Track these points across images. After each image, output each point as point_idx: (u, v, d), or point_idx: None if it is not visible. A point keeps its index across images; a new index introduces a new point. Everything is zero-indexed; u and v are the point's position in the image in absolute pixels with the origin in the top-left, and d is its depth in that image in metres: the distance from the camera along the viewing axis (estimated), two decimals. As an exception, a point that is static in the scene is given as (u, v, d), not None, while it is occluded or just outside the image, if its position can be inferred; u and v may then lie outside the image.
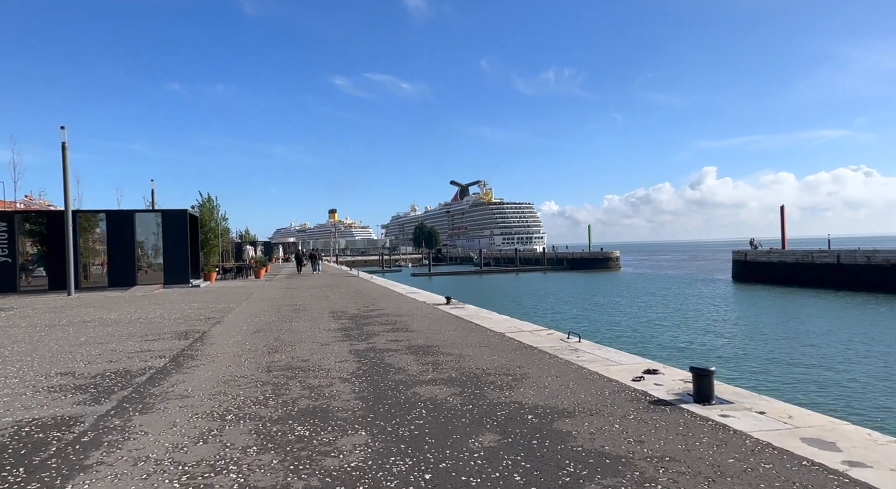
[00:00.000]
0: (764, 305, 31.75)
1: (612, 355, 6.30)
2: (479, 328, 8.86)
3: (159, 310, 12.71)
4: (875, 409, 11.55)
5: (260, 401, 4.73)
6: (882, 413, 11.31)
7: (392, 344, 7.52)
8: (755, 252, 52.29)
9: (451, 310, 11.57)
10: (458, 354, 6.63)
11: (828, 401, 12.01)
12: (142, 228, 22.37)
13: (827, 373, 14.62)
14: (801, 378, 14.25)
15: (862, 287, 38.23)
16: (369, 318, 10.46)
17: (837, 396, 12.49)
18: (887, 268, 39.00)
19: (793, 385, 13.49)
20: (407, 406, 4.45)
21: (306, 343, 7.79)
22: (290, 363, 6.36)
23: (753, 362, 16.13)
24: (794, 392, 12.54)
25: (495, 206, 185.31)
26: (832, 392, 12.86)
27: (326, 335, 8.47)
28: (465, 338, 7.83)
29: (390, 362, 6.27)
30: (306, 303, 13.77)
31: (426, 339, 7.81)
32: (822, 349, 17.86)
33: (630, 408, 4.23)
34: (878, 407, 11.73)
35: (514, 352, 6.73)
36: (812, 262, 44.80)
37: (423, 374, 5.60)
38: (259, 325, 9.76)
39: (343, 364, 6.23)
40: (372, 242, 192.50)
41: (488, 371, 5.68)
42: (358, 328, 9.18)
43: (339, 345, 7.50)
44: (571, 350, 6.70)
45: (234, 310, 12.69)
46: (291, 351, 7.17)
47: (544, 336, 7.89)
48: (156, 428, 4.03)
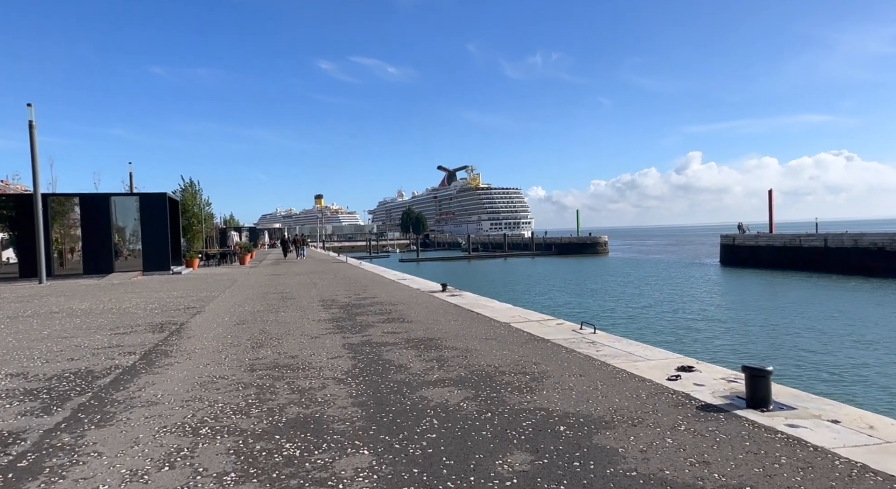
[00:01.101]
0: (757, 289, 31.60)
1: (635, 349, 5.71)
2: (481, 318, 8.22)
3: (135, 299, 11.90)
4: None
5: (241, 408, 4.05)
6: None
7: (389, 336, 6.85)
8: (743, 236, 52.35)
9: (448, 297, 10.92)
10: (464, 348, 5.99)
11: (871, 395, 11.50)
12: (120, 213, 21.39)
13: (842, 360, 14.27)
14: (816, 366, 13.88)
15: (849, 270, 38.37)
16: (362, 307, 9.77)
17: (875, 389, 12.05)
18: (874, 251, 39.17)
19: (810, 373, 13.09)
20: (414, 414, 3.80)
21: (294, 336, 7.10)
22: (276, 360, 5.68)
23: (760, 349, 15.77)
24: (822, 384, 12.12)
25: (483, 192, 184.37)
26: (859, 382, 12.46)
27: (316, 327, 7.79)
28: (469, 330, 7.19)
29: (389, 358, 5.61)
30: (294, 291, 13.04)
31: (426, 331, 7.16)
32: (826, 334, 17.56)
33: (677, 415, 3.63)
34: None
35: (525, 345, 6.11)
36: (800, 246, 44.91)
37: (428, 373, 4.95)
38: (243, 316, 9.04)
39: (336, 361, 5.56)
40: (359, 228, 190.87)
41: (501, 369, 5.05)
42: (350, 318, 8.50)
43: (331, 339, 6.82)
44: (588, 343, 6.09)
45: (217, 298, 11.93)
46: (278, 345, 6.48)
47: (554, 326, 7.28)
48: (113, 446, 3.33)
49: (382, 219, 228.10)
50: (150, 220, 20.43)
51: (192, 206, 35.84)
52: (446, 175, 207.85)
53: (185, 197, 35.29)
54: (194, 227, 36.24)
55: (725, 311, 23.17)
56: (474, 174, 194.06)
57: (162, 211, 20.61)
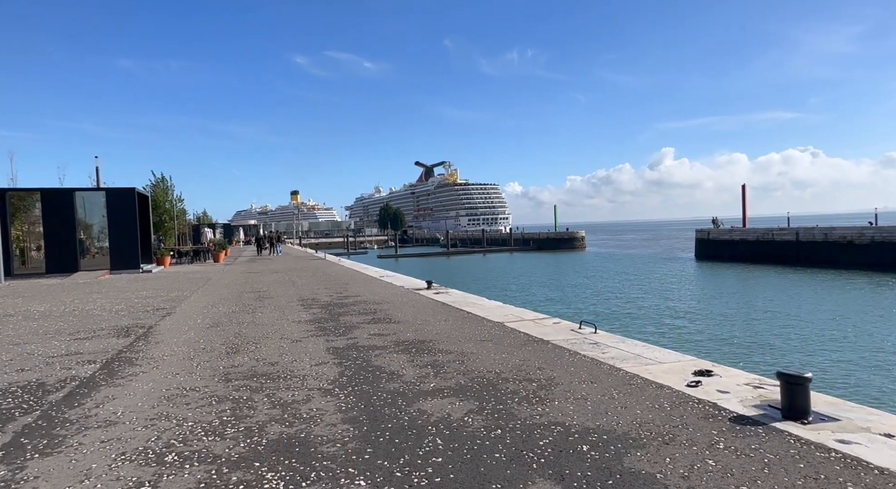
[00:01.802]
0: (737, 284, 31.87)
1: (642, 350, 5.34)
2: (472, 317, 7.79)
3: (100, 300, 11.16)
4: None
5: (215, 428, 3.54)
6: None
7: (377, 339, 6.37)
8: (717, 230, 53.03)
9: (435, 295, 10.47)
10: (459, 352, 5.55)
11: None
12: (88, 210, 20.40)
13: (841, 357, 14.25)
14: (822, 365, 13.82)
15: (820, 263, 39.13)
16: (344, 307, 9.26)
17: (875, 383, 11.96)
18: (843, 245, 40.04)
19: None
20: (414, 432, 3.35)
21: (273, 339, 6.57)
22: (254, 368, 5.16)
23: (747, 345, 15.70)
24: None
25: (461, 187, 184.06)
26: (867, 383, 12.36)
27: (297, 329, 7.26)
28: (461, 331, 6.75)
29: (379, 364, 5.14)
30: (271, 290, 12.43)
31: (416, 333, 6.70)
32: (806, 328, 17.64)
33: (710, 430, 3.24)
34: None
35: (524, 347, 5.70)
36: (772, 240, 45.68)
37: (423, 381, 4.50)
38: (217, 317, 8.44)
39: (321, 368, 5.07)
40: (336, 224, 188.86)
41: (503, 375, 4.62)
42: (333, 319, 7.98)
43: (314, 342, 6.31)
44: (591, 344, 5.70)
45: (189, 298, 11.26)
46: (256, 350, 5.95)
47: (551, 326, 6.89)
48: (59, 481, 2.80)
49: (360, 215, 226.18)
50: (117, 216, 19.49)
51: (163, 202, 34.68)
52: (424, 171, 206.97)
53: (157, 192, 34.09)
54: (166, 224, 35.09)
55: (711, 306, 23.18)
56: (452, 170, 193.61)
57: (130, 206, 19.67)
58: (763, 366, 12.57)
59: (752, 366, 12.03)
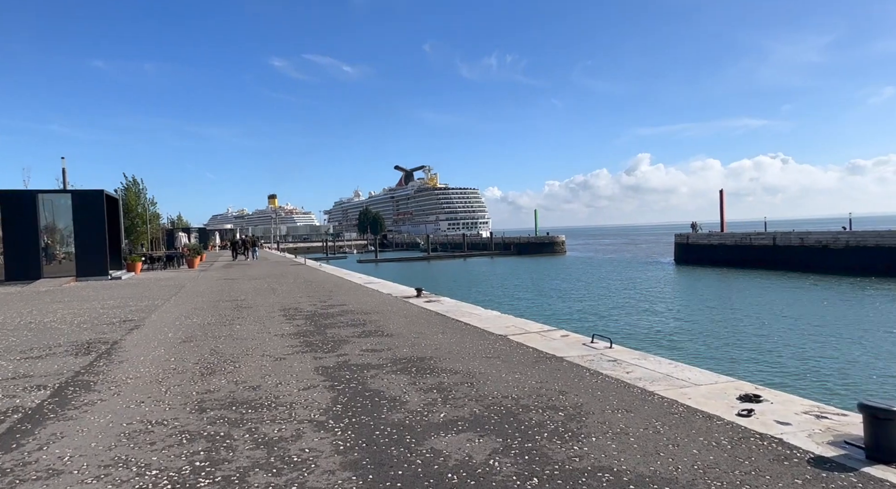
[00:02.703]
0: (722, 288, 31.90)
1: (670, 369, 4.81)
2: (471, 329, 7.20)
3: (62, 311, 10.27)
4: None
5: (185, 478, 2.88)
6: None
7: (370, 356, 5.73)
8: (696, 235, 53.47)
9: (426, 304, 9.85)
10: (466, 372, 4.96)
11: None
12: (56, 213, 19.29)
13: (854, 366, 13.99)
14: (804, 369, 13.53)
15: (796, 267, 39.58)
16: (331, 317, 8.58)
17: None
18: (819, 249, 40.61)
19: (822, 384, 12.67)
20: (432, 483, 2.74)
21: (254, 357, 5.88)
22: (232, 394, 4.48)
23: (748, 352, 15.40)
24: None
25: (440, 192, 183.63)
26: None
27: (280, 344, 6.57)
28: (462, 345, 6.16)
29: (377, 387, 4.51)
30: (250, 298, 11.66)
31: (413, 348, 6.08)
32: (795, 333, 17.47)
33: (793, 477, 2.70)
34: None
35: (537, 366, 5.12)
36: (750, 244, 46.15)
37: (431, 410, 3.89)
38: (190, 331, 7.70)
39: (311, 393, 4.42)
40: (314, 229, 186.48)
41: (522, 401, 4.04)
42: (319, 332, 7.31)
43: (300, 360, 5.64)
44: (610, 361, 5.16)
45: (160, 308, 10.45)
46: (234, 371, 5.26)
47: (560, 340, 6.33)
48: (-26, 569, 2.13)
49: (339, 219, 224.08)
50: (84, 219, 18.42)
51: (135, 206, 33.41)
52: (403, 175, 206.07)
53: (128, 196, 32.82)
54: (138, 228, 33.80)
55: (716, 315, 22.86)
56: (432, 174, 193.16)
57: (98, 210, 18.61)
58: (804, 385, 11.79)
59: (787, 384, 11.38)
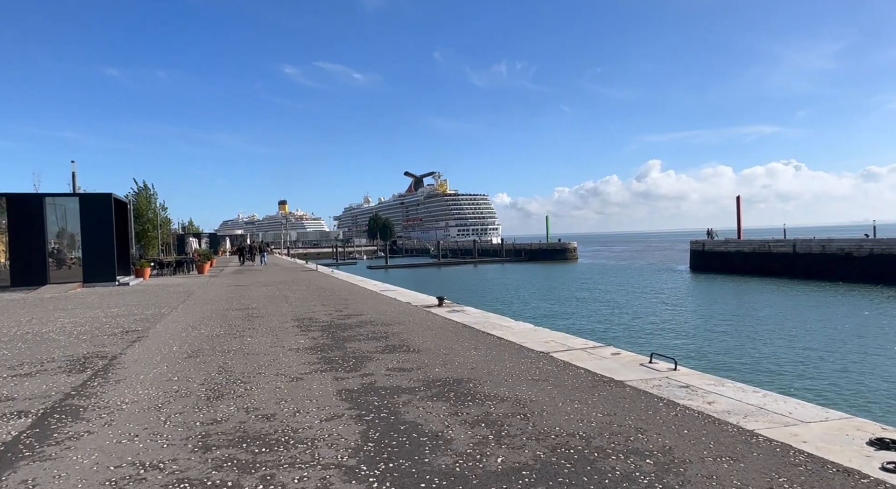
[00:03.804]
0: (753, 297, 30.87)
1: (762, 400, 4.05)
2: (506, 344, 6.48)
3: (63, 320, 9.68)
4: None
5: (181, 556, 2.19)
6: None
7: (399, 376, 5.04)
8: (712, 242, 52.41)
9: (450, 314, 9.14)
10: (514, 399, 4.24)
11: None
12: (66, 217, 18.88)
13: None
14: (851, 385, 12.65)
15: (817, 275, 38.42)
16: (349, 329, 7.90)
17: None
18: (842, 257, 39.42)
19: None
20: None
21: (267, 376, 5.21)
22: (243, 425, 3.80)
23: (775, 365, 14.53)
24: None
25: (450, 198, 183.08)
26: None
27: (296, 360, 5.89)
28: (501, 364, 5.44)
29: (413, 418, 3.81)
30: (261, 307, 11.02)
31: (445, 367, 5.37)
32: (824, 345, 16.54)
33: None
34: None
35: (596, 392, 4.39)
36: (769, 252, 45.04)
37: (484, 452, 3.18)
38: (197, 344, 7.04)
39: (335, 425, 3.72)
40: (324, 234, 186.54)
41: (595, 442, 3.32)
42: (338, 346, 6.62)
43: (319, 381, 4.96)
44: (682, 388, 4.42)
45: (167, 317, 9.82)
46: (245, 394, 4.59)
47: (611, 358, 5.60)
48: None
49: (349, 225, 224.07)
50: (92, 223, 17.95)
51: (146, 211, 33.08)
52: (413, 181, 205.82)
53: (139, 201, 32.50)
54: (149, 233, 33.46)
55: (766, 328, 21.89)
56: (441, 180, 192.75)
57: (106, 214, 18.14)
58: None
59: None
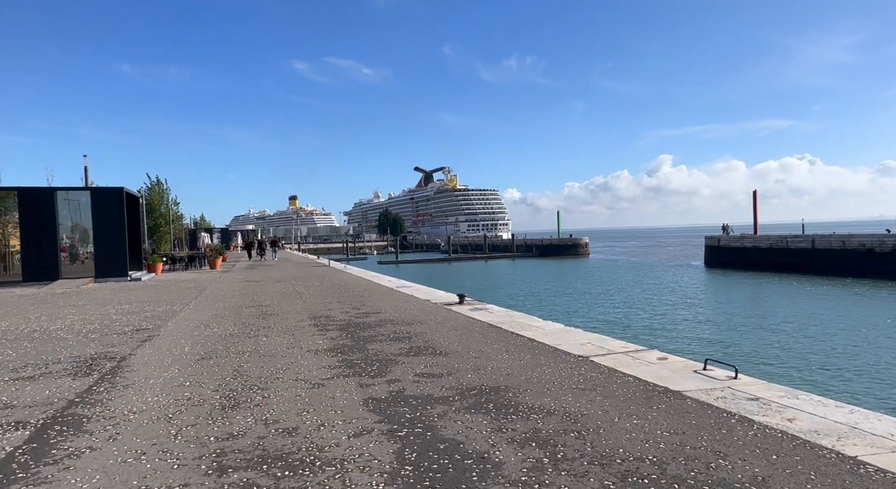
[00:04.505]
0: (779, 294, 30.15)
1: (848, 416, 3.57)
2: (538, 346, 6.03)
3: (73, 317, 9.37)
4: None
5: None
6: None
7: (429, 383, 4.61)
8: (728, 237, 51.49)
9: (473, 313, 8.71)
10: (563, 412, 3.79)
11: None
12: (80, 211, 18.70)
13: None
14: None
15: (837, 271, 37.55)
16: (369, 328, 7.49)
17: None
18: (862, 253, 38.48)
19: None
20: None
21: (286, 381, 4.80)
22: (262, 441, 3.39)
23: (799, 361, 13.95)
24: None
25: (460, 193, 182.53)
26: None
27: (315, 363, 5.49)
28: (540, 370, 4.99)
29: (452, 435, 3.38)
30: (275, 303, 10.65)
31: (478, 373, 4.94)
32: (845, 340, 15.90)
33: None
34: None
35: (653, 404, 3.93)
36: (787, 247, 44.10)
37: (541, 481, 2.74)
38: (210, 344, 6.67)
39: (365, 443, 3.31)
40: (334, 230, 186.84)
41: (671, 470, 2.87)
42: (359, 347, 6.22)
43: (343, 388, 4.55)
44: (751, 400, 3.95)
45: (179, 314, 9.48)
46: (263, 403, 4.18)
47: (659, 363, 5.13)
48: None
49: (358, 220, 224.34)
50: (103, 218, 17.70)
51: (158, 206, 32.95)
52: (423, 176, 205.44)
53: (152, 196, 32.38)
54: (161, 228, 33.35)
55: (759, 321, 21.43)
56: (451, 175, 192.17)
57: (118, 208, 17.88)
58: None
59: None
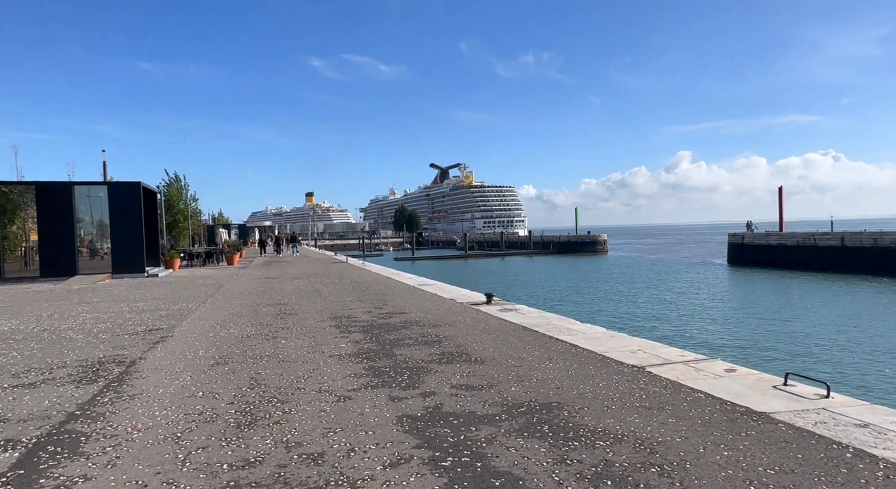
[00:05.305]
0: (823, 294, 29.09)
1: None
2: (585, 354, 5.46)
3: (85, 315, 9.01)
4: None
5: None
6: None
7: (469, 397, 4.06)
8: (752, 235, 50.14)
9: (503, 314, 8.15)
10: (633, 438, 3.23)
11: None
12: (96, 207, 18.51)
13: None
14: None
15: (867, 270, 36.31)
16: (394, 330, 6.97)
17: None
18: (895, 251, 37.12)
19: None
20: None
21: (308, 393, 4.30)
22: (283, 471, 2.88)
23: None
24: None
25: (476, 190, 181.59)
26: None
27: (340, 370, 4.98)
28: (592, 383, 4.42)
29: (507, 469, 2.84)
30: (294, 302, 10.20)
31: (522, 384, 4.38)
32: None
33: None
34: None
35: (740, 429, 3.34)
36: (814, 245, 42.77)
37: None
38: (226, 347, 6.20)
39: (404, 477, 2.77)
40: (350, 226, 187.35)
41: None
42: (385, 352, 5.70)
43: (372, 401, 4.02)
44: (860, 427, 3.33)
45: (194, 313, 9.07)
46: (283, 420, 3.67)
47: (728, 376, 4.52)
48: None
49: (374, 217, 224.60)
50: (120, 213, 17.46)
51: (177, 202, 32.89)
52: (439, 173, 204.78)
53: (171, 192, 32.32)
54: (180, 224, 33.30)
55: (794, 321, 20.59)
56: (467, 172, 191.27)
57: (135, 203, 17.63)
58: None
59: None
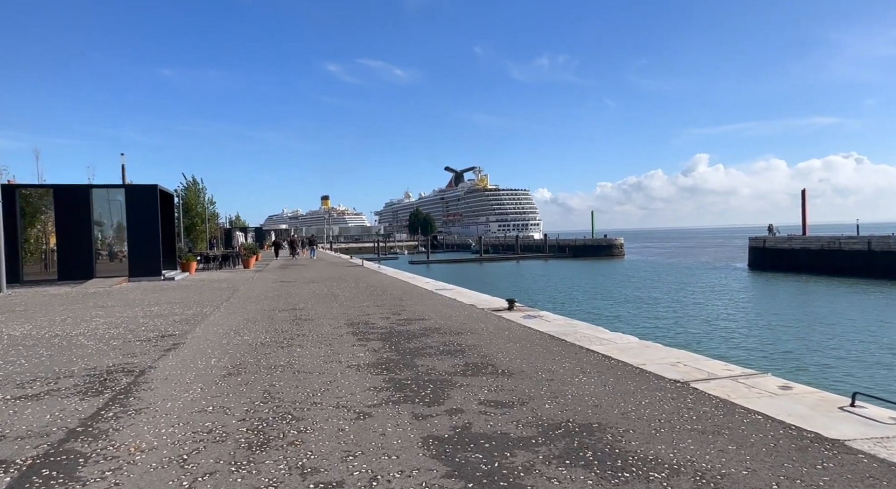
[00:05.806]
0: (841, 299, 28.21)
1: None
2: (621, 367, 5.08)
3: (99, 319, 8.83)
4: None
5: None
6: None
7: (500, 416, 3.72)
8: (774, 238, 49.07)
9: (527, 321, 7.79)
10: (693, 469, 2.85)
11: None
12: (116, 210, 18.54)
13: None
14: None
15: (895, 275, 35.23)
16: (414, 338, 6.65)
17: None
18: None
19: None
20: None
21: (325, 408, 3.99)
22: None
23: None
24: None
25: (491, 193, 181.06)
26: None
27: (358, 383, 4.66)
28: (633, 399, 4.05)
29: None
30: (309, 307, 9.93)
31: (556, 400, 4.02)
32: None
33: None
34: None
35: (814, 460, 2.95)
36: (839, 249, 41.68)
37: None
38: (239, 355, 5.93)
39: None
40: (366, 229, 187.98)
41: None
42: (406, 362, 5.38)
43: (394, 420, 3.70)
44: (947, 456, 2.94)
45: (208, 318, 8.84)
46: (298, 441, 3.36)
47: (784, 395, 4.12)
48: None
49: (389, 220, 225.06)
50: (137, 216, 17.41)
51: (195, 205, 33.01)
52: (453, 176, 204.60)
53: (188, 195, 32.44)
54: (198, 227, 33.42)
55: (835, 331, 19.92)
56: (482, 175, 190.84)
57: (152, 206, 17.57)
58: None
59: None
